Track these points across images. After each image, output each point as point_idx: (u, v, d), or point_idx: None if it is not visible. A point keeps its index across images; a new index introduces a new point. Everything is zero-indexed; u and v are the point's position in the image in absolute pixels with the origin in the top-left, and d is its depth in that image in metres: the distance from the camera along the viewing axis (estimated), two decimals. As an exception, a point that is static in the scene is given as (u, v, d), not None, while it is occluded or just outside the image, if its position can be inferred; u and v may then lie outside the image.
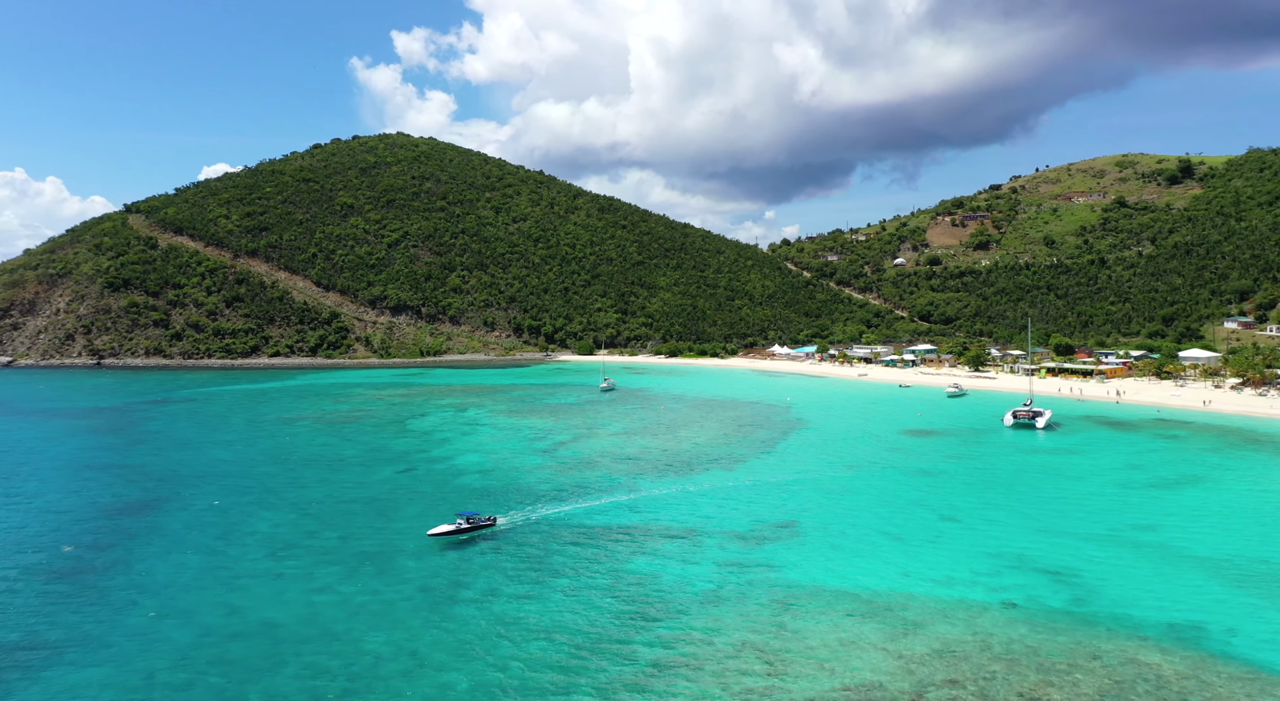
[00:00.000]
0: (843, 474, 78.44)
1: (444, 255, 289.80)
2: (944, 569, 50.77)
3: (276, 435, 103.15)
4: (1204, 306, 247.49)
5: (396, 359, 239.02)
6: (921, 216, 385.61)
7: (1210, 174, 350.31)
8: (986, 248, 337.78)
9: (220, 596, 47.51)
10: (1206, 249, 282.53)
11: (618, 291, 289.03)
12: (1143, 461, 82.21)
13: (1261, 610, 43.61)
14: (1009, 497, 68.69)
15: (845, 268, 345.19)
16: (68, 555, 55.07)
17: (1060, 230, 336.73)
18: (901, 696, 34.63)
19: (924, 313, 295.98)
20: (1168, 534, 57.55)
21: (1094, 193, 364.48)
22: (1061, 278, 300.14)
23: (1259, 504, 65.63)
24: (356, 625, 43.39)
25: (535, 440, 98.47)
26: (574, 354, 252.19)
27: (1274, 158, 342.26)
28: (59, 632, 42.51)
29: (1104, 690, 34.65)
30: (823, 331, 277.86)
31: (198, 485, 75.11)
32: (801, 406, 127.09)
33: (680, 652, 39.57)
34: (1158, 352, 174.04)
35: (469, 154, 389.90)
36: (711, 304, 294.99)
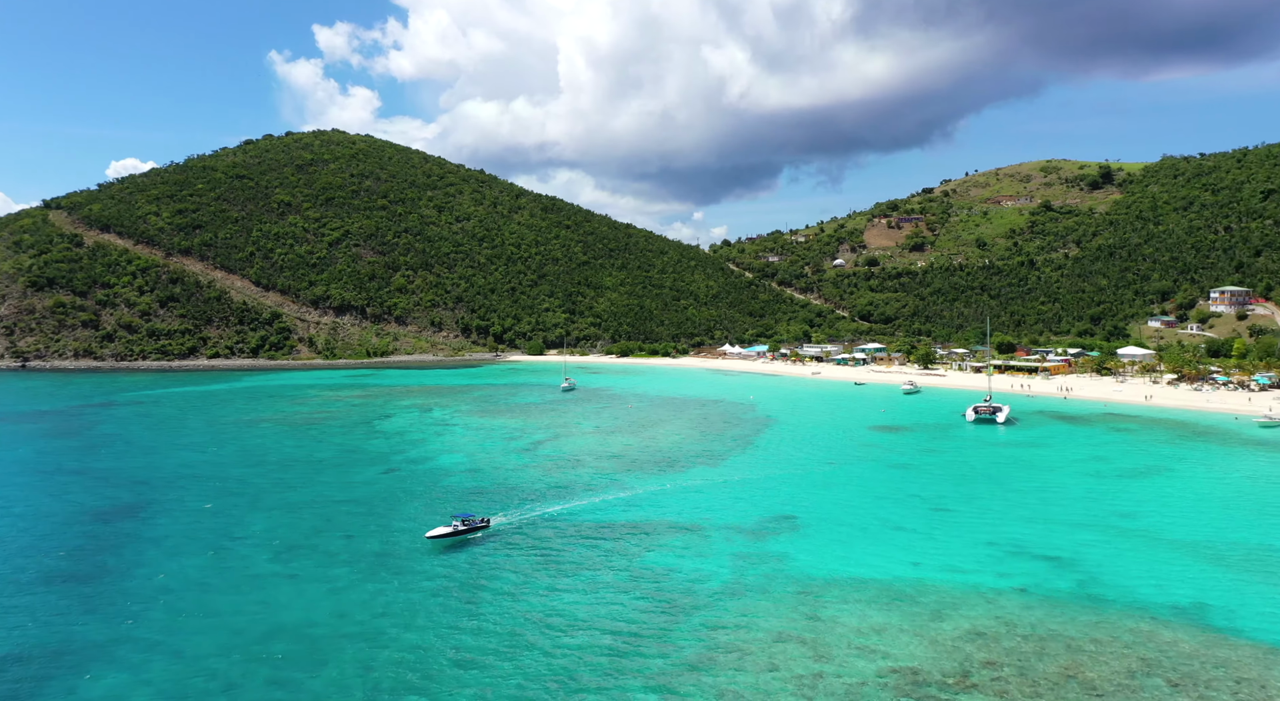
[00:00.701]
0: (825, 469, 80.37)
1: (387, 254, 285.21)
2: (949, 557, 52.71)
3: (242, 438, 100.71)
4: (1128, 306, 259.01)
5: (342, 360, 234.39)
6: (858, 218, 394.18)
7: (1128, 180, 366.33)
8: (921, 249, 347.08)
9: (241, 597, 46.69)
10: (1128, 251, 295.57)
11: (565, 291, 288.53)
12: (1104, 453, 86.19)
13: (1251, 589, 46.48)
14: (991, 489, 71.39)
15: (786, 268, 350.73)
16: (71, 559, 53.29)
17: (991, 232, 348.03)
18: (947, 678, 36.13)
19: (864, 312, 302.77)
20: (1146, 520, 60.71)
21: (1021, 196, 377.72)
22: (994, 278, 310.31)
23: (1221, 491, 69.58)
24: (391, 623, 43.18)
25: (511, 439, 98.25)
26: (524, 354, 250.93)
27: (1186, 165, 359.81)
28: (94, 634, 41.37)
29: (1133, 668, 36.71)
30: (767, 331, 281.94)
31: (178, 488, 73.14)
32: (765, 404, 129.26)
33: (722, 642, 40.43)
34: (1094, 350, 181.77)
35: (408, 152, 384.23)
36: (658, 304, 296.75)
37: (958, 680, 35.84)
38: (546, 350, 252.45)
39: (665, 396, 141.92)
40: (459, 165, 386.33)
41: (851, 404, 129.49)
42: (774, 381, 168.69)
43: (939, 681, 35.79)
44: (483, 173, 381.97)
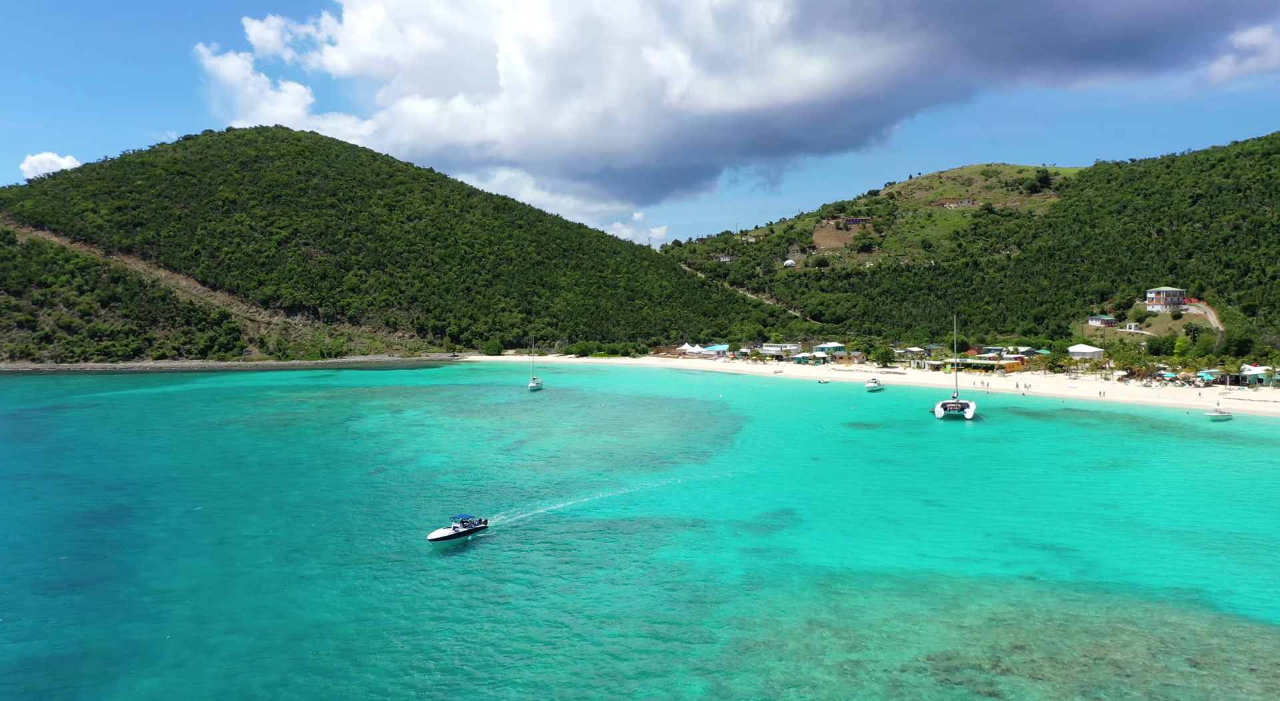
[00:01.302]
0: (811, 465, 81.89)
1: (339, 254, 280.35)
2: (952, 548, 54.37)
3: (214, 440, 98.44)
4: (1070, 306, 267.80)
5: (296, 361, 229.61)
6: (807, 219, 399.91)
7: (1065, 184, 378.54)
8: (869, 250, 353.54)
9: (255, 599, 45.96)
10: (1067, 253, 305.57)
11: (520, 291, 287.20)
12: (1073, 447, 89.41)
13: (1241, 573, 48.95)
14: (974, 482, 73.61)
15: (738, 269, 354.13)
16: (72, 564, 51.75)
17: (936, 234, 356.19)
18: (982, 661, 37.47)
19: (816, 312, 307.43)
20: (1129, 510, 63.33)
21: (963, 199, 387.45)
22: (940, 279, 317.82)
23: (1191, 482, 72.86)
24: (420, 622, 43.01)
25: (492, 439, 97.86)
26: (482, 354, 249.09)
27: (1118, 170, 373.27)
28: (108, 642, 40.32)
29: (1154, 648, 38.52)
30: (721, 331, 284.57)
31: (160, 492, 71.35)
32: (736, 403, 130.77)
33: (755, 633, 41.22)
34: (1043, 348, 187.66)
35: (355, 149, 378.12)
36: (613, 304, 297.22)
37: (992, 664, 37.19)
38: (504, 350, 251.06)
39: (636, 395, 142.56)
40: (408, 164, 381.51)
41: (819, 401, 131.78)
42: (739, 380, 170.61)
43: (974, 665, 37.09)
44: (432, 171, 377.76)
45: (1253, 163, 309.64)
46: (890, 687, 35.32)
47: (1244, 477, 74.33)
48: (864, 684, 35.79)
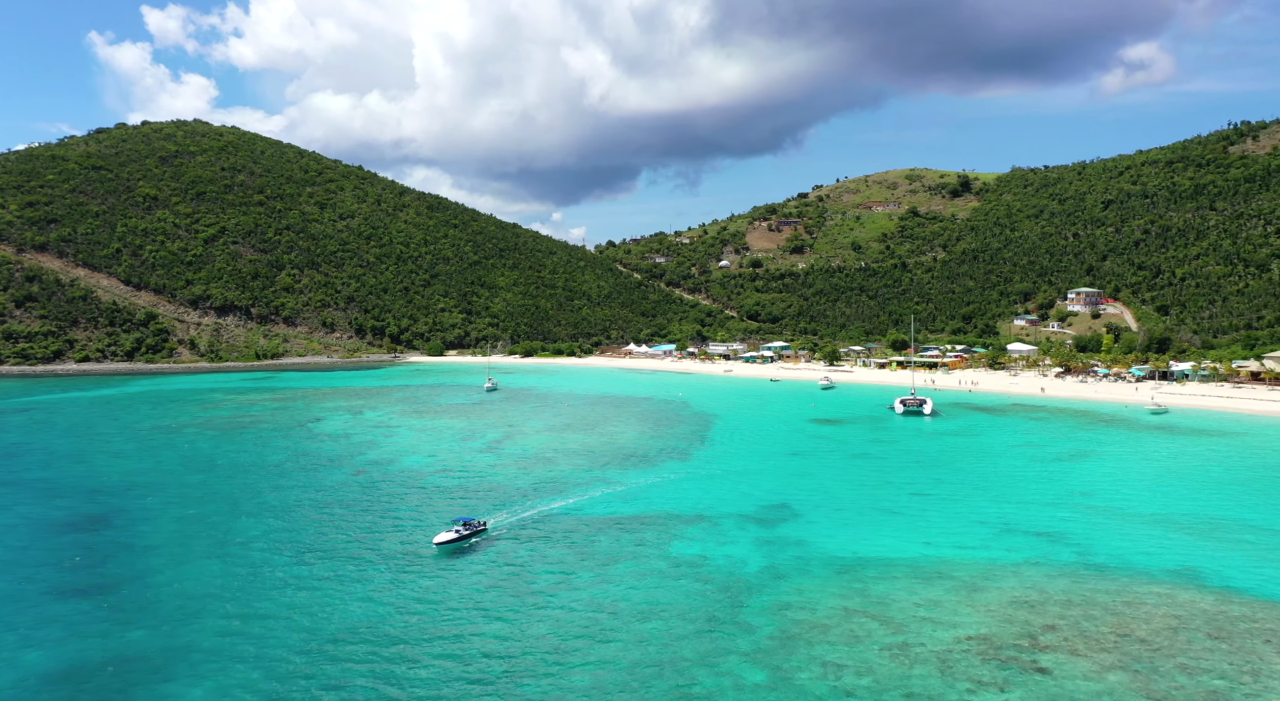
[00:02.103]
0: (791, 460, 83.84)
1: (270, 253, 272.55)
2: (953, 536, 56.65)
3: (175, 444, 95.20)
4: (995, 306, 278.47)
5: (230, 362, 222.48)
6: (739, 221, 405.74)
7: (984, 188, 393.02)
8: (801, 252, 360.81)
9: (288, 599, 45.14)
10: (990, 255, 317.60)
11: (459, 291, 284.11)
12: (1033, 439, 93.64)
13: (1225, 554, 52.38)
14: (952, 474, 76.52)
15: (674, 269, 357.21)
16: (75, 570, 49.77)
17: (864, 236, 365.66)
18: (1020, 641, 39.44)
19: (752, 312, 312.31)
20: (1104, 498, 66.87)
21: (889, 203, 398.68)
22: (870, 280, 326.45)
23: (1152, 470, 77.26)
24: (463, 618, 42.93)
25: (466, 440, 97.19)
26: (424, 355, 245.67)
27: (1034, 176, 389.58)
28: (148, 647, 39.12)
29: (1172, 624, 41.14)
30: (661, 330, 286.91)
31: (137, 497, 68.92)
32: (697, 401, 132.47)
33: (796, 620, 42.44)
34: (977, 347, 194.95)
35: (281, 146, 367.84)
36: (552, 304, 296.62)
37: (1030, 642, 39.20)
38: (446, 351, 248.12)
39: (596, 395, 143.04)
40: (336, 160, 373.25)
41: (777, 399, 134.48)
42: (692, 379, 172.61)
43: (1014, 645, 39.04)
44: (361, 169, 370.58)
45: (1157, 170, 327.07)
46: (943, 667, 36.95)
47: (1197, 465, 79.17)
48: (916, 665, 37.33)
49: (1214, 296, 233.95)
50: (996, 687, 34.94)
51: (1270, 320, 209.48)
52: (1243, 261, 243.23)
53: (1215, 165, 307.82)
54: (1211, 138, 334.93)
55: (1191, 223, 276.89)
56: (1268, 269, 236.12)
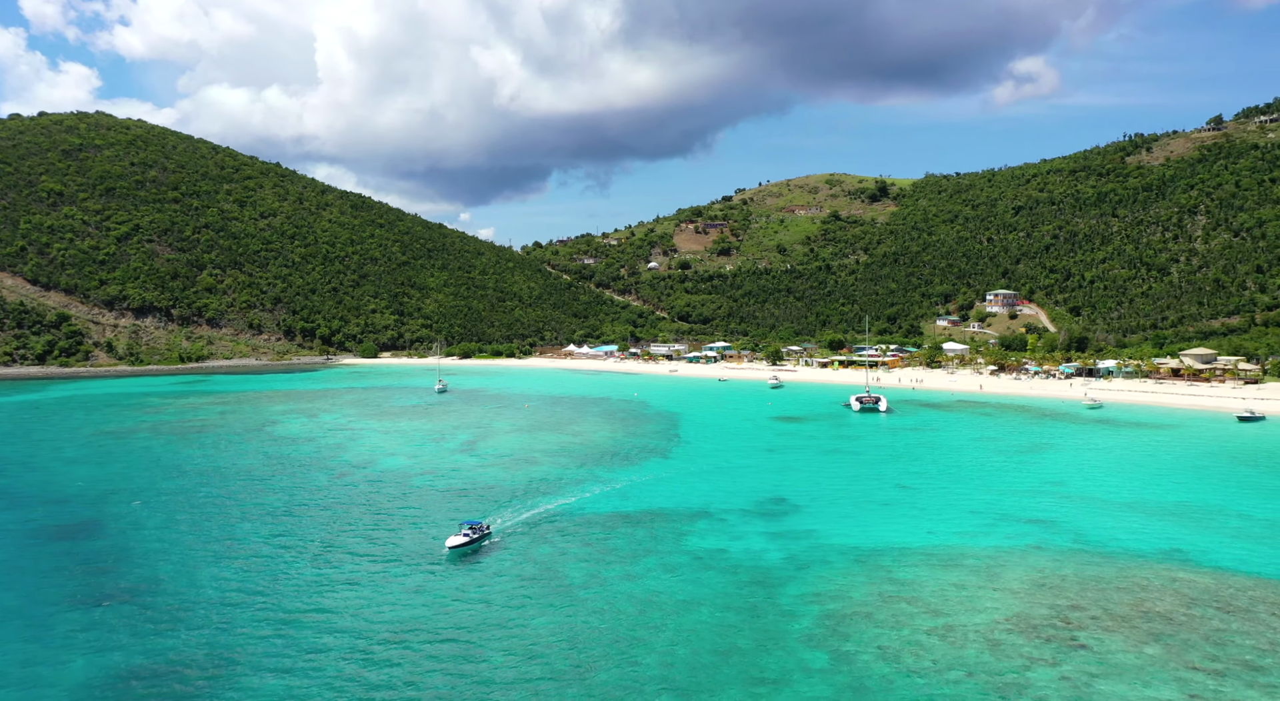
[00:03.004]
0: (769, 456, 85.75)
1: (188, 252, 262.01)
2: (952, 525, 59.19)
3: (132, 450, 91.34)
4: (918, 307, 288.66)
5: (153, 366, 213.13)
6: (666, 223, 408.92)
7: (901, 194, 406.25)
8: (728, 254, 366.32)
9: (319, 602, 44.40)
10: (910, 258, 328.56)
11: (390, 292, 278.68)
12: (988, 434, 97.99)
13: (1204, 536, 56.25)
14: (927, 467, 79.60)
15: (603, 271, 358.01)
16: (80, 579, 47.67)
17: (789, 239, 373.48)
18: (1054, 620, 41.78)
19: (683, 313, 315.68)
20: (1076, 487, 70.68)
21: (811, 206, 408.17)
22: (797, 282, 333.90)
23: (1109, 460, 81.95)
24: (509, 614, 42.86)
25: (438, 441, 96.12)
26: (357, 357, 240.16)
27: (946, 182, 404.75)
28: (191, 651, 37.98)
29: (1184, 600, 44.13)
30: (594, 331, 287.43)
31: (115, 503, 66.32)
32: (654, 401, 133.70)
33: (837, 607, 43.94)
34: (910, 346, 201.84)
35: (193, 141, 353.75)
36: (485, 305, 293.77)
37: (1063, 621, 41.58)
38: (380, 353, 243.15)
39: (551, 396, 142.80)
40: (252, 157, 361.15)
41: (731, 398, 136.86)
42: (640, 379, 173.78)
43: (1050, 623, 41.36)
44: (280, 166, 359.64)
45: (1061, 179, 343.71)
46: (991, 646, 38.95)
47: (1147, 455, 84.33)
48: (965, 645, 39.24)
49: (1121, 298, 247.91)
50: (1047, 663, 37.06)
51: (1173, 320, 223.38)
52: (1145, 265, 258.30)
53: (1115, 174, 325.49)
54: (1109, 148, 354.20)
55: (1096, 228, 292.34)
56: (1168, 273, 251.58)
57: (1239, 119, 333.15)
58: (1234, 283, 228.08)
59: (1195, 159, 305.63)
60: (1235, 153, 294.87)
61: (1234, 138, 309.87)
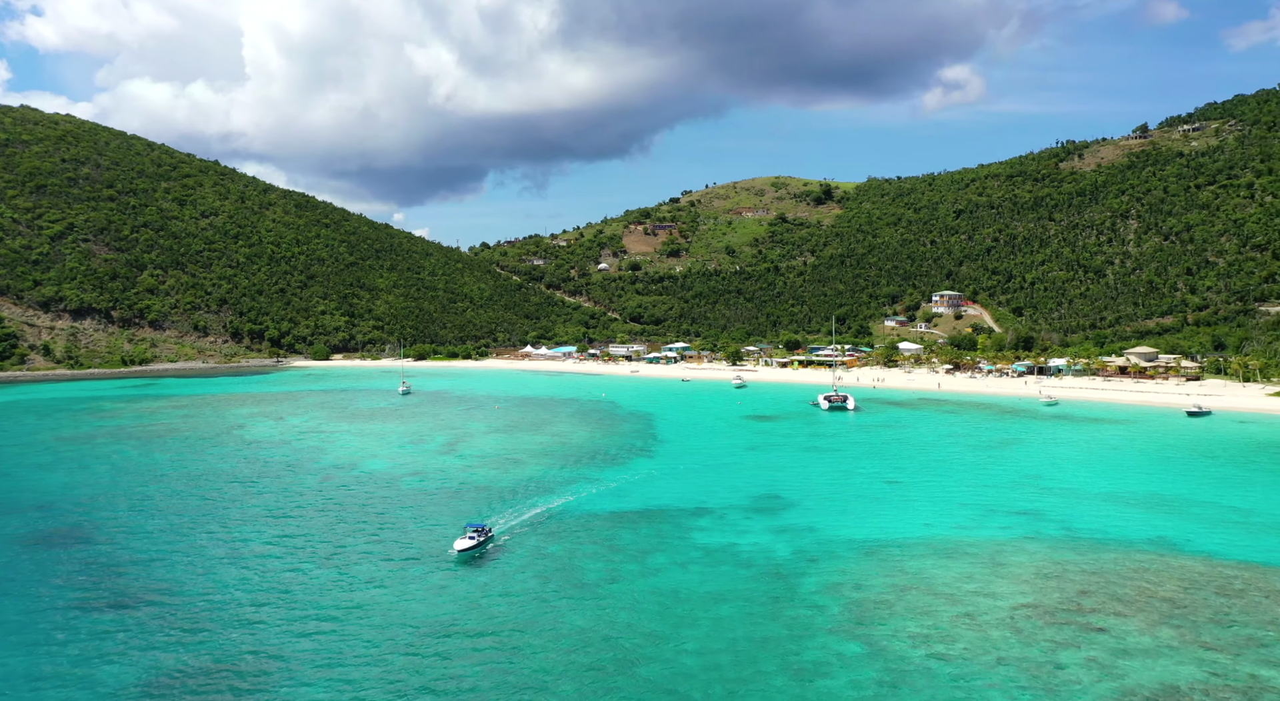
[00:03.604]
0: (751, 455, 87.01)
1: (128, 252, 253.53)
2: (946, 518, 61.06)
3: (99, 455, 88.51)
4: (866, 308, 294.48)
5: (94, 369, 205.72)
6: (615, 224, 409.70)
7: (845, 197, 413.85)
8: (678, 255, 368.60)
9: (345, 601, 43.98)
10: (856, 260, 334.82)
11: (339, 293, 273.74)
12: (957, 430, 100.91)
13: (1181, 525, 59.02)
14: (906, 463, 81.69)
15: (553, 272, 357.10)
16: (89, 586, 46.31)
17: (737, 241, 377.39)
18: (1066, 605, 43.57)
19: (635, 314, 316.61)
20: (1054, 480, 73.39)
21: (758, 209, 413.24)
22: (746, 283, 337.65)
23: (1077, 454, 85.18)
24: (538, 611, 42.96)
25: (417, 443, 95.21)
26: (309, 359, 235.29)
27: (889, 185, 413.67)
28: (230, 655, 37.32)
29: (1183, 585, 46.40)
30: (546, 333, 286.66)
31: (103, 509, 64.40)
32: (624, 401, 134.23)
33: (858, 598, 45.08)
34: (865, 346, 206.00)
35: (127, 137, 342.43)
36: (436, 306, 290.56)
37: (1076, 607, 43.40)
38: (332, 355, 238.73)
39: (519, 397, 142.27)
40: (189, 154, 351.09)
41: (699, 398, 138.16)
42: (604, 380, 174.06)
43: (1064, 608, 43.14)
44: (219, 164, 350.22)
45: (999, 183, 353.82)
46: (1015, 632, 40.50)
47: (1111, 449, 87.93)
48: (990, 630, 40.72)
49: (1061, 299, 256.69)
50: (1073, 646, 38.72)
51: (1111, 320, 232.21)
52: (1082, 267, 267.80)
53: (1049, 180, 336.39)
54: (1044, 154, 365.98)
55: (1034, 232, 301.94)
56: (1104, 275, 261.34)
57: (1163, 127, 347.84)
58: (1166, 285, 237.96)
59: (1125, 165, 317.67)
60: (1162, 160, 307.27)
61: (1160, 145, 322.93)
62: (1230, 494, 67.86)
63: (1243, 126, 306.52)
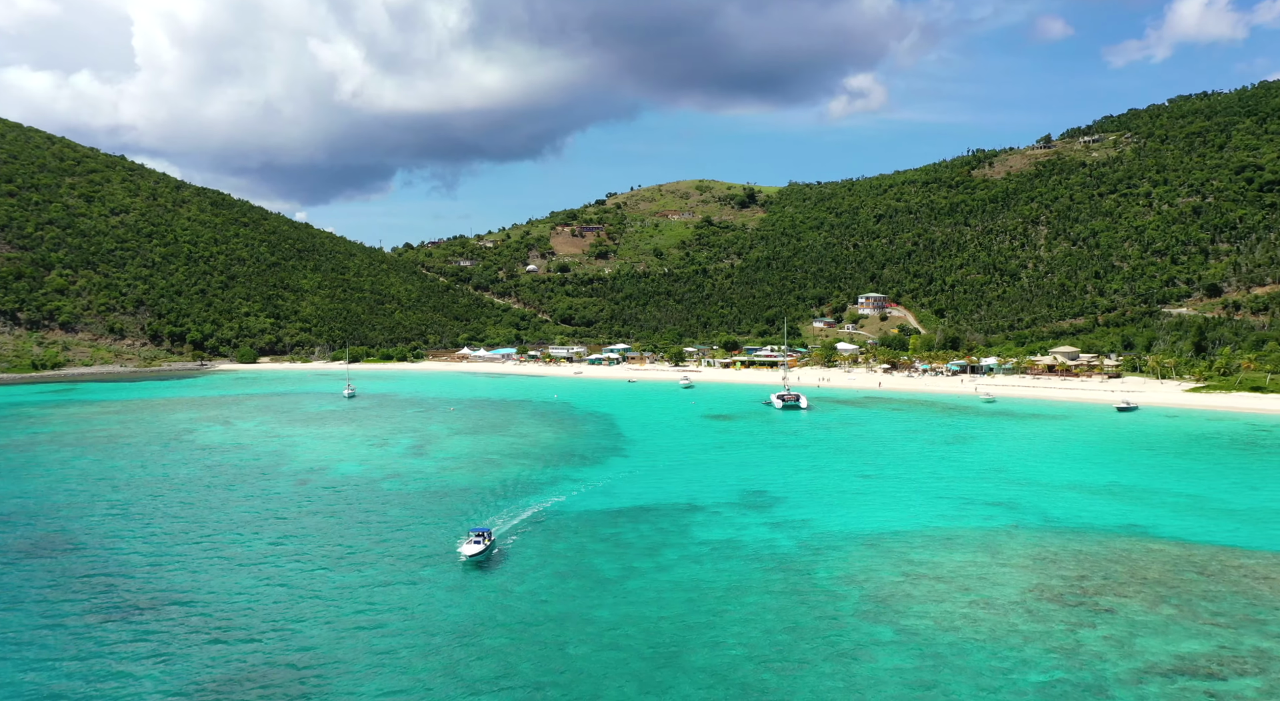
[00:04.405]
0: (722, 453, 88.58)
1: (33, 250, 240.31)
2: (930, 510, 63.51)
3: (41, 462, 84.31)
4: (794, 309, 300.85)
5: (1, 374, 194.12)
6: (541, 225, 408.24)
7: (769, 201, 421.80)
8: (606, 257, 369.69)
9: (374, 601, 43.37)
10: (782, 263, 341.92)
11: (262, 294, 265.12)
12: (911, 426, 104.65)
13: (1148, 511, 62.92)
14: (874, 458, 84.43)
15: (480, 273, 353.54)
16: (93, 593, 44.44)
17: (664, 243, 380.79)
18: (1070, 589, 46.07)
19: (566, 316, 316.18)
20: (1017, 472, 76.97)
21: (684, 212, 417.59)
22: (675, 285, 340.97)
23: (1030, 448, 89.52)
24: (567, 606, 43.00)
25: (380, 446, 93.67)
26: (235, 362, 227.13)
27: (810, 190, 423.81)
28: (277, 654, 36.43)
29: (1167, 567, 49.51)
30: (478, 334, 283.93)
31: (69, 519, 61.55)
32: (577, 402, 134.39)
33: (874, 586, 46.71)
34: (799, 347, 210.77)
35: (23, 129, 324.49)
36: (363, 308, 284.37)
37: (1080, 589, 45.94)
38: (260, 358, 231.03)
39: (470, 399, 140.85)
40: (93, 148, 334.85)
41: (652, 398, 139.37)
42: (550, 382, 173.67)
43: (1069, 590, 45.63)
44: (125, 159, 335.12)
45: (916, 189, 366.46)
46: (1030, 614, 42.71)
47: (1058, 442, 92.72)
48: (1008, 613, 42.84)
49: (980, 301, 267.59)
50: (1088, 626, 41.09)
51: (1028, 321, 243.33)
52: (998, 271, 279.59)
53: (963, 186, 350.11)
54: (956, 162, 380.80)
55: (951, 236, 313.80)
56: (1019, 278, 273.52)
57: (1065, 138, 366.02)
58: (1077, 287, 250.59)
59: (1033, 174, 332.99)
60: (1066, 169, 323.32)
61: (1064, 155, 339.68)
62: (1179, 482, 72.51)
63: (1138, 139, 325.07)
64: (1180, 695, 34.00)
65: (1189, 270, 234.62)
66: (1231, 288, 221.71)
